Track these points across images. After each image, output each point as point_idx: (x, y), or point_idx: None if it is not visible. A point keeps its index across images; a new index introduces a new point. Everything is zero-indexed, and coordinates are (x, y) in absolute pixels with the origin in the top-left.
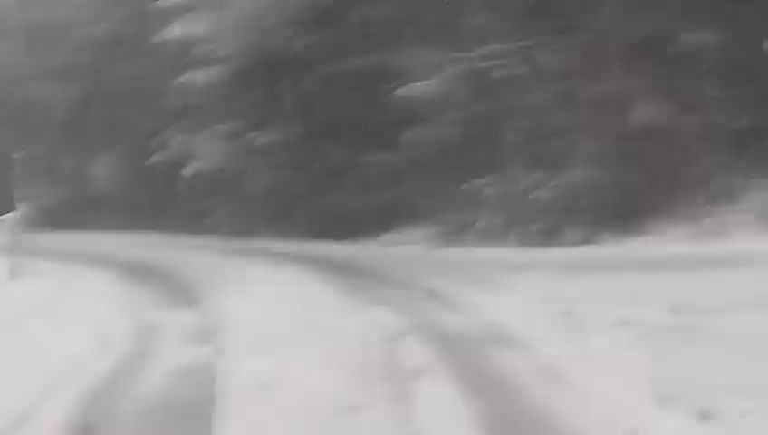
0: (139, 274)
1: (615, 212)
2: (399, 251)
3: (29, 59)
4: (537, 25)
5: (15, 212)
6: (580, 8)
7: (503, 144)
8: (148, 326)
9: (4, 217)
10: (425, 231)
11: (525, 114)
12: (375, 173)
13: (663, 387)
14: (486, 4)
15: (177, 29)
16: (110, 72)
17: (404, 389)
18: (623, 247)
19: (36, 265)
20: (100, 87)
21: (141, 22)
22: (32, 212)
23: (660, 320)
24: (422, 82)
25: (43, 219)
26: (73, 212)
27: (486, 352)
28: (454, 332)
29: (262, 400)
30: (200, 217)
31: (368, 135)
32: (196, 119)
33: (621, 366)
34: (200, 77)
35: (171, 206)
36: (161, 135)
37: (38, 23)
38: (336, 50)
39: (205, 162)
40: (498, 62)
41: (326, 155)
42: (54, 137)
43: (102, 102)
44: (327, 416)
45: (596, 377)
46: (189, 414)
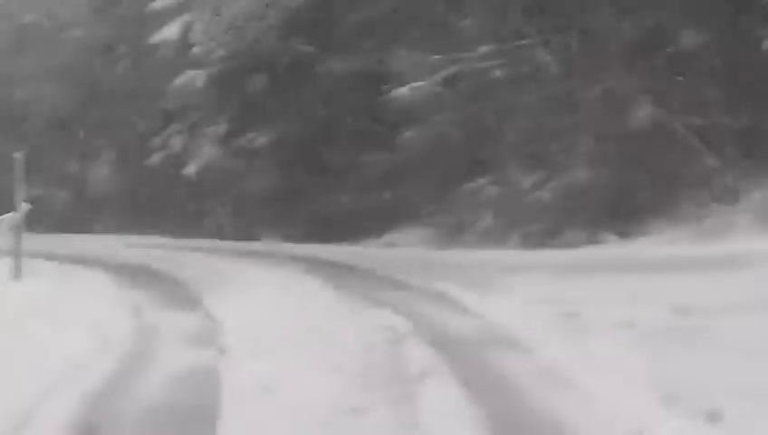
0: (138, 275)
1: (615, 213)
2: (398, 252)
3: (27, 60)
4: (535, 25)
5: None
6: (579, 8)
7: (502, 145)
8: (149, 328)
9: (3, 217)
10: (424, 232)
11: (524, 114)
12: (373, 174)
13: (666, 388)
14: (483, 5)
15: (173, 30)
16: (108, 73)
17: (406, 391)
18: (624, 248)
19: (36, 266)
20: (99, 88)
21: (138, 23)
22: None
23: (662, 321)
24: (419, 83)
25: (43, 220)
26: (73, 213)
27: (488, 355)
28: (455, 334)
29: (263, 402)
30: (199, 219)
31: (366, 136)
32: (193, 120)
33: (624, 368)
34: (192, 79)
35: (171, 207)
36: (160, 136)
37: (35, 24)
38: (333, 51)
39: (203, 163)
40: (496, 62)
41: (324, 156)
42: (53, 138)
43: (101, 103)
44: (330, 419)
45: (599, 378)
46: (190, 417)
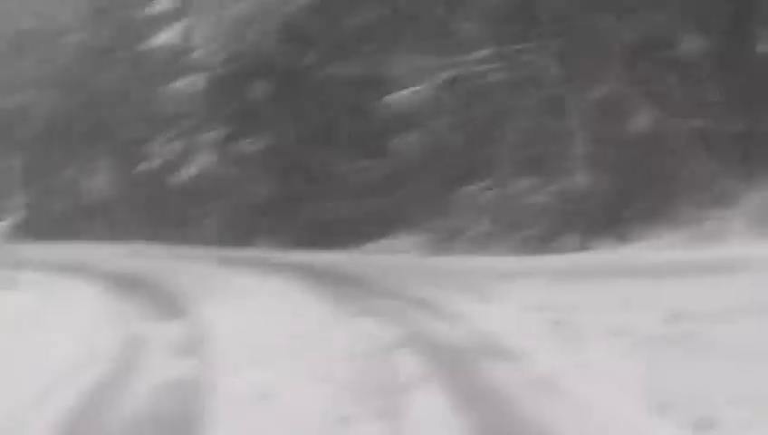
0: (127, 284)
1: (613, 217)
2: (390, 259)
3: (16, 68)
4: (531, 29)
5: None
6: (576, 11)
7: (496, 149)
8: (135, 338)
9: None
10: (416, 238)
11: (519, 119)
12: (365, 180)
13: (660, 396)
14: (478, 8)
15: (165, 37)
16: (99, 80)
17: (396, 401)
18: (619, 253)
19: (24, 276)
20: (90, 95)
21: (130, 29)
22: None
23: (657, 328)
24: (412, 88)
25: (33, 229)
26: (63, 221)
27: (479, 363)
28: (446, 342)
29: (251, 413)
30: (190, 226)
31: (358, 142)
32: (185, 126)
33: (618, 375)
34: (188, 84)
35: (162, 214)
36: (152, 143)
37: (25, 31)
38: (325, 57)
39: (194, 170)
40: (491, 66)
41: (316, 162)
42: (43, 146)
43: (92, 110)
44: (318, 429)
45: (592, 387)
46: (176, 428)
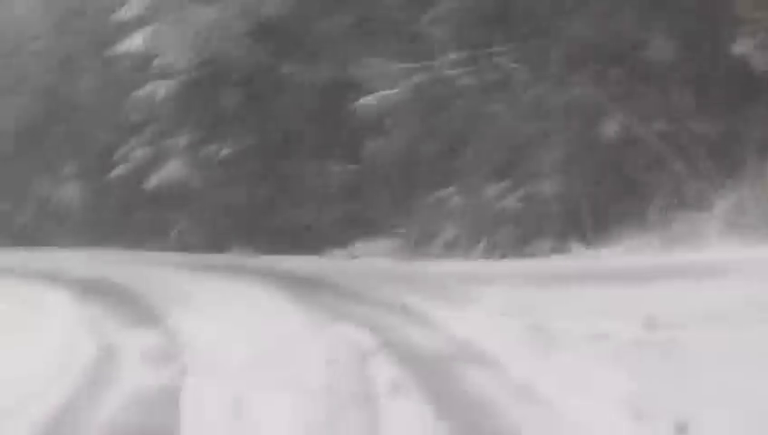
0: (100, 291)
1: (583, 221)
2: (364, 264)
3: None
4: (502, 33)
5: None
6: (547, 15)
7: (468, 153)
8: (109, 347)
9: None
10: (389, 243)
11: (490, 123)
12: (336, 185)
13: (638, 402)
14: (448, 12)
15: (134, 42)
16: (67, 87)
17: (372, 409)
18: (594, 257)
19: None
20: (58, 102)
21: (98, 36)
22: None
23: (633, 333)
24: (382, 93)
25: (3, 236)
26: (35, 228)
27: (457, 370)
28: (422, 349)
29: (228, 424)
30: (163, 232)
31: (330, 147)
32: (155, 132)
33: (594, 382)
34: (158, 90)
35: (135, 220)
36: (122, 149)
37: None
38: (299, 60)
39: (167, 175)
40: (462, 70)
41: (287, 167)
42: (12, 153)
43: (61, 117)
44: None
45: (569, 394)
46: None
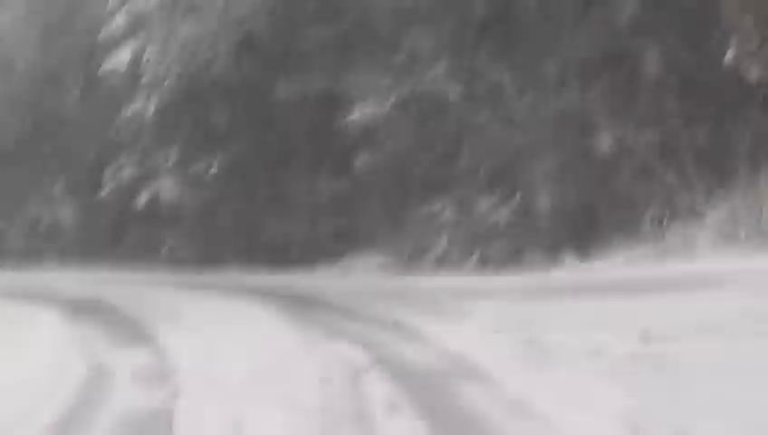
0: (91, 311)
1: (575, 233)
2: (355, 280)
3: None
4: (491, 43)
5: None
6: (538, 25)
7: (459, 166)
8: (100, 368)
9: None
10: (381, 258)
11: (479, 135)
12: (329, 199)
13: (635, 417)
14: (437, 23)
15: (120, 57)
16: (53, 104)
17: (367, 426)
18: (587, 270)
19: None
20: (44, 119)
21: (82, 53)
22: None
23: (628, 347)
24: (372, 106)
25: None
26: (24, 247)
27: (452, 387)
28: (416, 365)
29: None
30: (154, 249)
31: (320, 161)
32: (143, 149)
33: (591, 397)
34: (143, 107)
35: (125, 238)
36: (112, 165)
37: None
38: (287, 74)
39: (156, 192)
40: (451, 81)
41: (278, 182)
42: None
43: (47, 135)
44: None
45: (566, 409)
46: None
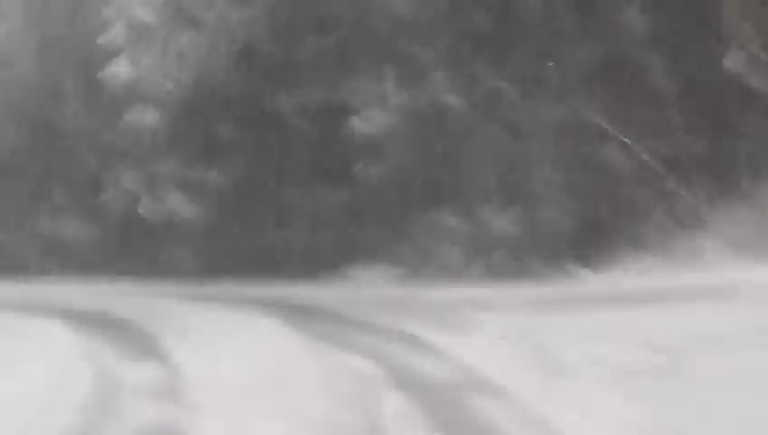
0: (98, 323)
1: (581, 243)
2: (361, 290)
3: None
4: (492, 51)
5: None
6: (541, 34)
7: (463, 176)
8: (110, 380)
9: None
10: (386, 268)
11: (482, 143)
12: (331, 210)
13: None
14: (439, 33)
15: (117, 68)
16: (51, 114)
17: None
18: (590, 281)
19: None
20: (44, 129)
21: (80, 62)
22: None
23: (639, 359)
24: (374, 115)
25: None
26: (24, 258)
27: (463, 399)
28: (426, 377)
29: None
30: (153, 260)
31: (323, 171)
32: (144, 159)
33: (605, 410)
34: (142, 116)
35: (124, 248)
36: (108, 176)
37: None
38: (284, 85)
39: (158, 202)
40: (453, 90)
41: (281, 193)
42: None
43: (47, 144)
44: None
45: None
46: None
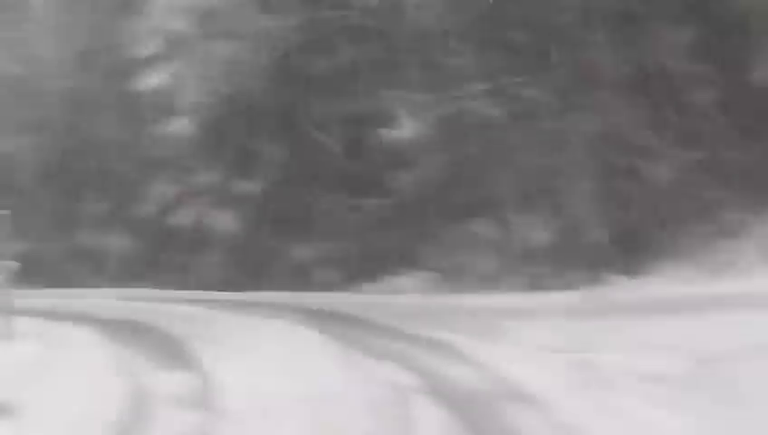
0: (130, 332)
1: (619, 251)
2: (395, 299)
3: (2, 114)
4: (524, 62)
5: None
6: (574, 43)
7: (498, 184)
8: (143, 390)
9: None
10: (421, 277)
11: (520, 153)
12: (365, 219)
13: None
14: (471, 43)
15: (152, 79)
16: (88, 125)
17: None
18: (629, 289)
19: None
20: (80, 140)
21: (117, 73)
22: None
23: (685, 370)
24: (409, 124)
25: (29, 276)
26: (59, 268)
27: (503, 411)
28: (464, 388)
29: None
30: (187, 270)
31: (358, 180)
32: (179, 169)
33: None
34: (179, 127)
35: (158, 258)
36: (146, 187)
37: (9, 76)
38: (318, 95)
39: (193, 213)
40: (487, 100)
41: (314, 202)
42: (36, 191)
43: (83, 155)
44: None
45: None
46: None
